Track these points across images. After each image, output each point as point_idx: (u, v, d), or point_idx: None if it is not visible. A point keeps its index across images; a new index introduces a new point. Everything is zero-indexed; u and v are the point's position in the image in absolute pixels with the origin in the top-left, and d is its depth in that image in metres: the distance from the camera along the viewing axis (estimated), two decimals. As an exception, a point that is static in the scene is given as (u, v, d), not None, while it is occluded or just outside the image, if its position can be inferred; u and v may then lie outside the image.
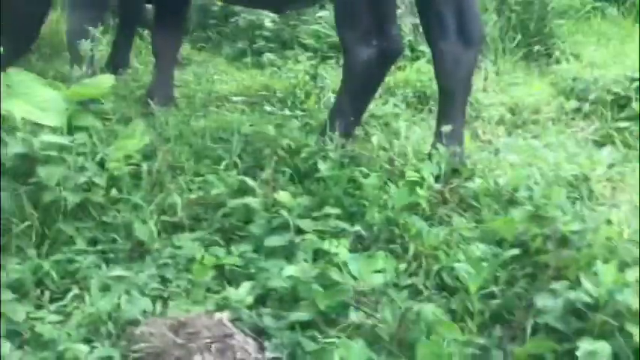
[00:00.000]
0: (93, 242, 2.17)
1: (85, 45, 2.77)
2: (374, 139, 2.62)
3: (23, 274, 1.93)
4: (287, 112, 3.32)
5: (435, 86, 3.01)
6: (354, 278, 1.88)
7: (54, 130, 2.33)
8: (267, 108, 3.46)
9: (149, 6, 4.18)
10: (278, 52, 4.65)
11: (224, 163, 2.59)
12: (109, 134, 2.60)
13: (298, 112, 3.31)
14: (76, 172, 2.18)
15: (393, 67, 2.88)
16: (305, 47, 4.67)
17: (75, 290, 1.93)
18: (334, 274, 1.86)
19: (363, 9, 2.68)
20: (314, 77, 3.78)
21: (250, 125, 2.95)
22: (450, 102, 2.77)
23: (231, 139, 2.82)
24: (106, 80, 2.64)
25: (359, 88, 2.79)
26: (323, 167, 2.38)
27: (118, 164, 2.39)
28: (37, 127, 2.35)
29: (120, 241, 2.15)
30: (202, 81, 3.97)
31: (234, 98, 3.73)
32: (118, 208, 2.26)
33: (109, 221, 2.20)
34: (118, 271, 1.96)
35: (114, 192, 2.28)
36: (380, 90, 3.06)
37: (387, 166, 2.49)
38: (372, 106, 3.05)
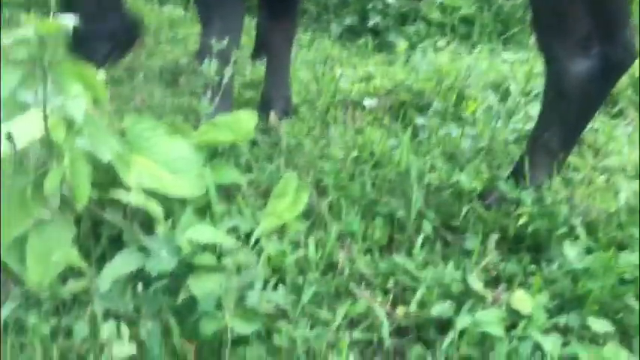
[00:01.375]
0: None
1: (210, 66, 2.06)
2: (622, 197, 1.87)
3: None
4: (452, 128, 2.58)
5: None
6: None
7: (197, 206, 1.67)
8: (419, 121, 2.73)
9: None
10: (397, 30, 3.87)
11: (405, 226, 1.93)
12: (253, 193, 1.94)
13: (467, 129, 2.56)
14: (238, 281, 1.52)
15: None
16: (429, 22, 3.88)
17: None
18: None
19: (579, 6, 1.88)
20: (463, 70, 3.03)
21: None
22: None
23: (399, 184, 2.14)
24: (247, 119, 1.95)
25: (571, 110, 2.02)
26: (571, 253, 1.67)
27: (279, 249, 1.73)
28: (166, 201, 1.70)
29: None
30: (320, 78, 3.24)
31: (367, 103, 3.00)
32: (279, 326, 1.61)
33: (283, 345, 1.55)
34: None
35: (282, 293, 1.63)
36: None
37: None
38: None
